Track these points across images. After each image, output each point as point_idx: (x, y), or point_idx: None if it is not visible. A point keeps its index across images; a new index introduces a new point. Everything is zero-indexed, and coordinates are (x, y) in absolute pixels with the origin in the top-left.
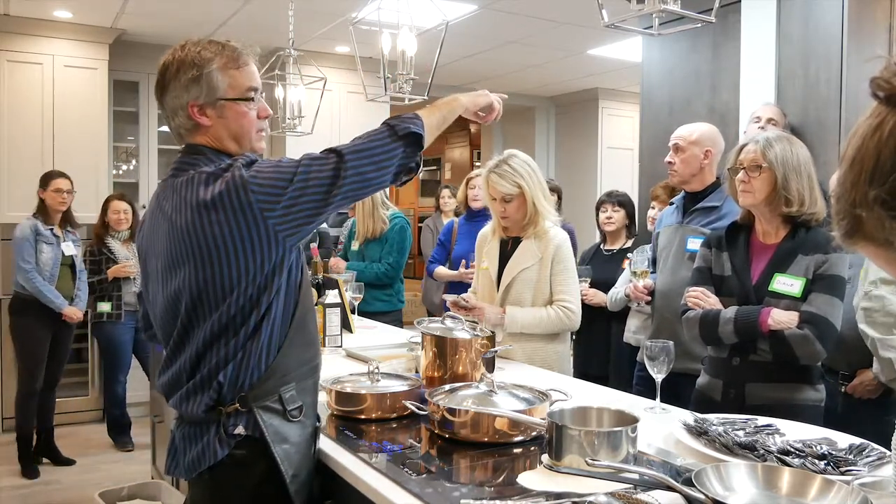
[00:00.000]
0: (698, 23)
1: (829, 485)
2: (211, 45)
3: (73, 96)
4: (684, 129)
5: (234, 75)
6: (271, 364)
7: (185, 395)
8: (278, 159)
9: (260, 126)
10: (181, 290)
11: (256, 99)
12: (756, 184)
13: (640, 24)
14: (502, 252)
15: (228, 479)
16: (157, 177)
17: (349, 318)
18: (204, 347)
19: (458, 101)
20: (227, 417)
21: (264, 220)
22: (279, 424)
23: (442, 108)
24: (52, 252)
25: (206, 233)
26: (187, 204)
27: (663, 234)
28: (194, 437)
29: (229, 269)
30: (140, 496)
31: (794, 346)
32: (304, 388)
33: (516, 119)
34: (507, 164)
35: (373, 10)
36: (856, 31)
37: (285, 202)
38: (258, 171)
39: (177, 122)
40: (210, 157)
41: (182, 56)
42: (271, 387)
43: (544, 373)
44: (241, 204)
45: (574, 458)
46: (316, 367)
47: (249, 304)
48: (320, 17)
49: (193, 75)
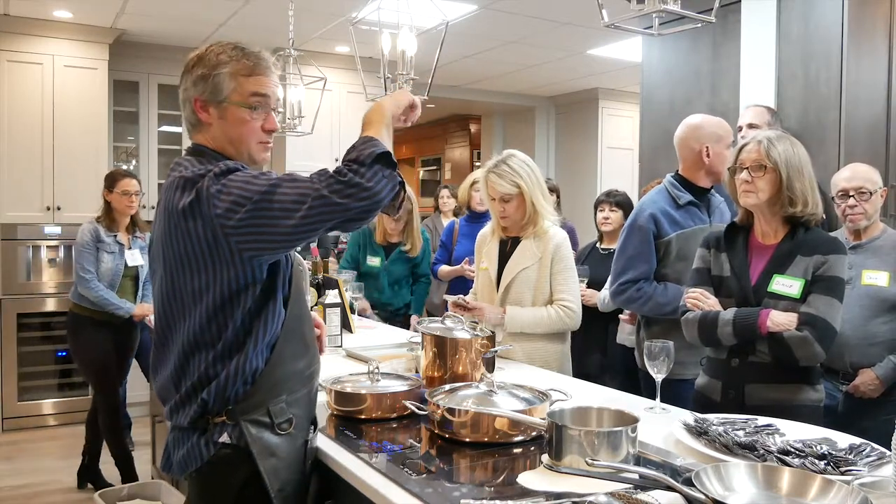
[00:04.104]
0: (698, 23)
1: (829, 485)
2: (233, 50)
3: (73, 96)
4: None
5: (242, 82)
6: (258, 378)
7: (175, 406)
8: (259, 173)
9: (263, 138)
10: (157, 295)
11: (262, 109)
12: (760, 184)
13: (640, 24)
14: (502, 252)
15: (214, 478)
16: (157, 177)
17: (349, 318)
18: (185, 357)
19: (383, 108)
20: (214, 426)
21: (225, 237)
22: (267, 437)
23: (376, 122)
24: (112, 262)
25: (174, 240)
26: (166, 209)
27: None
28: (182, 440)
29: (192, 280)
30: (140, 496)
31: (794, 348)
32: (296, 399)
33: (516, 119)
34: (505, 164)
35: (373, 10)
36: (856, 31)
37: (243, 220)
38: (227, 183)
39: (185, 114)
40: (206, 157)
41: (203, 54)
42: (259, 400)
43: (544, 373)
44: (203, 216)
45: (574, 458)
46: (310, 377)
47: (222, 317)
48: (320, 17)
49: (204, 73)
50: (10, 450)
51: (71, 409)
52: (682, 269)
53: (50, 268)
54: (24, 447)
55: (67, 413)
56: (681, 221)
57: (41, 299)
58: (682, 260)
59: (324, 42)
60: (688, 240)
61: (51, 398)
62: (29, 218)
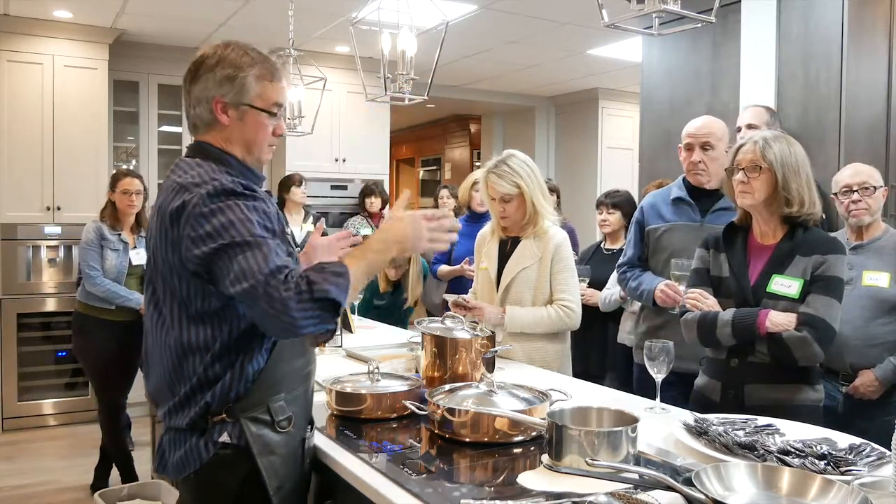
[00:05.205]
0: (698, 23)
1: (829, 485)
2: (254, 52)
3: (73, 96)
4: (711, 127)
5: (267, 87)
6: (259, 376)
7: (173, 408)
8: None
9: (273, 142)
10: (147, 293)
11: (278, 116)
12: (756, 184)
13: (640, 24)
14: (501, 252)
15: (213, 478)
16: (157, 177)
17: (349, 318)
18: (178, 360)
19: (388, 242)
20: (213, 426)
21: (190, 260)
22: (266, 435)
23: (371, 252)
24: (116, 259)
25: (158, 245)
26: (159, 209)
27: (675, 234)
28: (180, 440)
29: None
30: (140, 496)
31: (793, 348)
32: (294, 397)
33: (516, 119)
34: (505, 164)
35: (373, 10)
36: (856, 31)
37: (205, 254)
38: (214, 210)
39: (196, 112)
40: (211, 158)
41: (224, 54)
42: (259, 398)
43: (544, 373)
44: (180, 228)
45: (574, 458)
46: (307, 376)
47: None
48: (320, 17)
49: (230, 74)
50: (10, 450)
51: (71, 409)
52: (660, 260)
53: (50, 268)
54: (24, 447)
55: (67, 413)
56: (666, 215)
57: (41, 299)
58: (660, 252)
59: (324, 42)
60: (666, 233)
61: (51, 398)
62: (29, 218)
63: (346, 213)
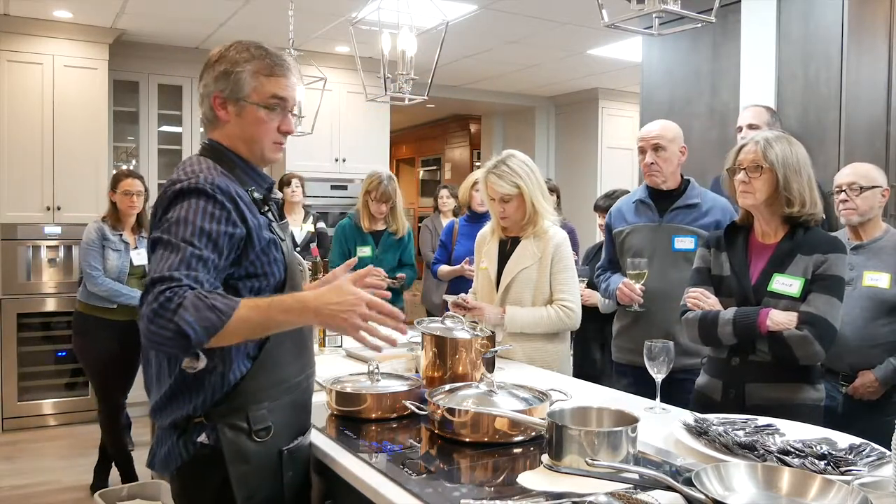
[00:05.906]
0: (698, 23)
1: (829, 485)
2: (255, 49)
3: (73, 96)
4: (660, 129)
5: (263, 81)
6: (241, 382)
7: (157, 406)
8: (185, 217)
9: (278, 139)
10: None
11: (280, 110)
12: (757, 184)
13: (640, 24)
14: (501, 252)
15: (194, 478)
16: (157, 177)
17: None
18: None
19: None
20: (194, 427)
21: None
22: (242, 443)
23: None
24: (118, 260)
25: None
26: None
27: (636, 235)
28: (164, 438)
29: None
30: (140, 496)
31: (794, 347)
32: (279, 406)
33: (516, 119)
34: (505, 164)
35: (373, 10)
36: (856, 31)
37: (150, 242)
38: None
39: (203, 109)
40: (222, 157)
41: (224, 51)
42: (240, 404)
43: (544, 373)
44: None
45: (574, 458)
46: (298, 385)
47: None
48: (320, 17)
49: (226, 69)
50: (10, 450)
51: (71, 409)
52: (625, 260)
53: (50, 268)
54: (24, 447)
55: (67, 413)
56: (629, 218)
57: (41, 299)
58: (625, 252)
59: (324, 42)
60: (629, 235)
61: (51, 398)
62: (29, 218)
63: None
